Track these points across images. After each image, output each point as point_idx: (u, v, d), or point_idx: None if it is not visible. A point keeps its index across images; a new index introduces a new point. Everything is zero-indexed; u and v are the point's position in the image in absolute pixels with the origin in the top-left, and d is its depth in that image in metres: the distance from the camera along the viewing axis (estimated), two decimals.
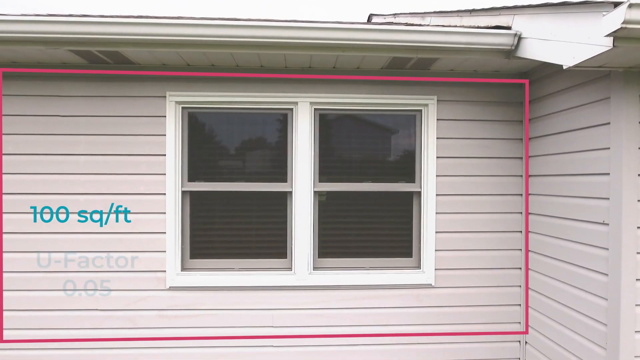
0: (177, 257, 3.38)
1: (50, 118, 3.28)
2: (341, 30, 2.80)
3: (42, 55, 3.06)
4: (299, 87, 3.37)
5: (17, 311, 3.28)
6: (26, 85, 3.26)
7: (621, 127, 2.43)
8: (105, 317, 3.33)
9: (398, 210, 3.54)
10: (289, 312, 3.42)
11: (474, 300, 3.48)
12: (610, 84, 2.48)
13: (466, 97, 3.44)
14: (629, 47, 2.03)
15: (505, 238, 3.48)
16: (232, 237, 3.50)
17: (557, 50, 2.45)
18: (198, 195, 3.45)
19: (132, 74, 3.30)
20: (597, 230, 2.63)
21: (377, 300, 3.45)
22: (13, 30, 2.75)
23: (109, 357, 3.33)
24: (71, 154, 3.29)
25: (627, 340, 2.46)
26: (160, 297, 3.36)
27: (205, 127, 3.49)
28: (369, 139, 3.56)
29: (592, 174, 2.66)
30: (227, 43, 2.86)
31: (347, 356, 3.44)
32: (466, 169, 3.44)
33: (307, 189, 3.41)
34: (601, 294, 2.60)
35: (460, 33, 2.85)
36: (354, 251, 3.54)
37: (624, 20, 1.89)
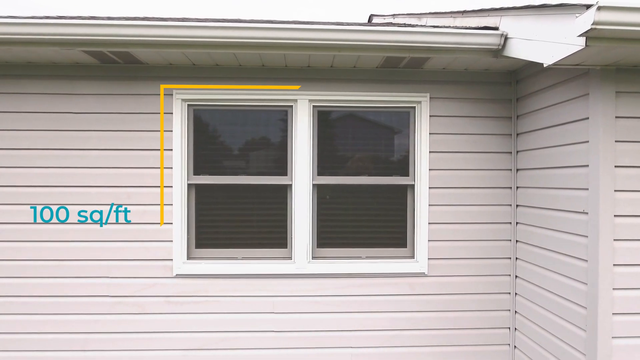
0: (184, 247, 3.56)
1: (63, 115, 3.48)
2: (337, 32, 2.97)
3: (57, 56, 3.26)
4: (298, 84, 3.54)
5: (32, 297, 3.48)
6: (40, 84, 3.46)
7: (599, 121, 2.59)
8: (116, 302, 3.52)
9: (393, 203, 3.72)
10: (289, 299, 3.60)
11: (465, 289, 3.64)
12: (589, 82, 2.65)
13: (457, 94, 3.60)
14: (601, 47, 2.20)
15: (495, 229, 3.64)
16: (235, 228, 3.68)
17: (538, 49, 2.62)
18: (203, 188, 3.63)
19: (140, 73, 3.49)
20: (577, 219, 2.79)
21: (372, 288, 3.62)
22: (30, 33, 2.94)
23: (119, 341, 3.53)
24: (83, 149, 3.49)
25: (605, 322, 2.62)
26: (168, 284, 3.55)
27: (209, 124, 3.67)
28: (365, 135, 3.74)
29: (573, 166, 2.82)
30: (230, 44, 3.04)
31: (344, 341, 3.61)
32: (458, 163, 3.61)
33: (306, 182, 3.59)
34: (581, 278, 2.76)
35: (450, 34, 3.02)
36: (351, 241, 3.72)
37: (594, 22, 2.05)
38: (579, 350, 2.78)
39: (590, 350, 2.66)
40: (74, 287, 3.50)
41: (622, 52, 2.30)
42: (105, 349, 3.52)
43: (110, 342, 3.52)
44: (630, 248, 2.61)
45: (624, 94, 2.58)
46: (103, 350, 3.52)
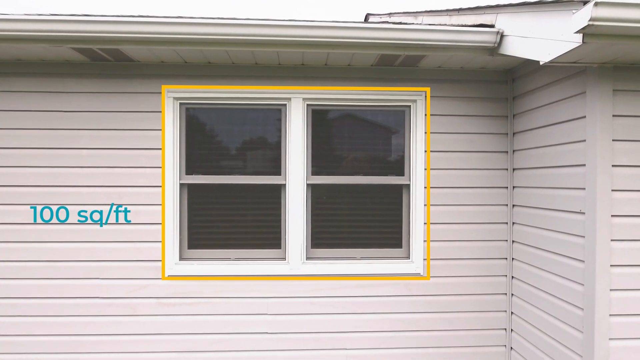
0: (176, 247, 3.51)
1: (53, 113, 3.42)
2: (330, 29, 2.92)
3: (46, 53, 3.20)
4: (292, 83, 3.50)
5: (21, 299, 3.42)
6: (30, 82, 3.40)
7: (596, 120, 2.55)
8: (107, 304, 3.47)
9: (388, 203, 3.68)
10: (283, 300, 3.56)
11: (461, 289, 3.61)
12: (586, 80, 2.61)
13: (453, 93, 3.56)
14: (598, 43, 2.16)
15: (491, 229, 3.60)
16: (229, 228, 3.63)
17: (534, 46, 2.58)
18: (195, 187, 3.58)
19: (131, 71, 3.44)
20: (574, 219, 2.75)
21: (367, 288, 3.58)
22: (18, 29, 2.88)
23: (110, 344, 3.47)
24: (73, 148, 3.43)
25: (602, 323, 2.58)
26: (159, 285, 3.49)
27: (202, 122, 3.62)
28: (360, 134, 3.69)
29: (569, 165, 2.79)
30: (222, 41, 2.99)
31: (339, 342, 3.57)
32: (453, 162, 3.57)
33: (300, 181, 3.55)
34: (578, 279, 2.72)
35: (445, 31, 2.98)
36: (346, 242, 3.67)
37: (591, 18, 2.01)
38: (575, 351, 2.74)
39: (587, 351, 2.62)
40: (65, 288, 3.44)
41: (620, 49, 2.26)
42: (98, 352, 3.46)
43: (102, 345, 3.47)
44: (627, 248, 2.58)
45: (621, 92, 2.54)
46: (95, 353, 3.46)
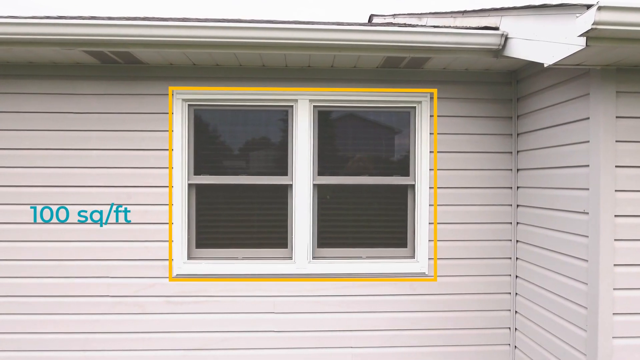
0: (184, 247, 3.57)
1: (64, 115, 3.48)
2: (337, 32, 2.97)
3: (57, 56, 3.26)
4: (299, 84, 3.54)
5: (32, 297, 3.48)
6: (41, 84, 3.46)
7: (599, 121, 2.58)
8: (116, 302, 3.52)
9: (393, 203, 3.72)
10: (289, 299, 3.60)
11: (466, 289, 3.64)
12: (590, 81, 2.64)
13: (458, 94, 3.60)
14: (601, 46, 2.20)
15: (495, 229, 3.64)
16: (236, 228, 3.68)
17: (539, 49, 2.62)
18: (203, 187, 3.63)
19: (140, 73, 3.49)
20: (578, 219, 2.79)
21: (373, 288, 3.62)
22: (31, 33, 2.94)
23: (119, 341, 3.53)
24: (84, 149, 3.49)
25: (606, 321, 2.61)
26: (168, 284, 3.55)
27: (210, 124, 3.67)
28: (365, 135, 3.73)
29: (573, 166, 2.82)
30: (230, 44, 3.04)
31: (344, 341, 3.61)
32: (458, 163, 3.61)
33: (306, 182, 3.59)
34: (582, 278, 2.76)
35: (450, 34, 3.02)
36: (352, 242, 3.72)
37: (594, 22, 2.05)
38: (579, 350, 2.78)
39: (591, 350, 2.65)
40: (74, 287, 3.50)
41: (623, 52, 2.29)
42: (106, 349, 3.52)
43: (110, 342, 3.52)
44: (630, 248, 2.61)
45: (624, 94, 2.58)
46: (103, 350, 3.52)
